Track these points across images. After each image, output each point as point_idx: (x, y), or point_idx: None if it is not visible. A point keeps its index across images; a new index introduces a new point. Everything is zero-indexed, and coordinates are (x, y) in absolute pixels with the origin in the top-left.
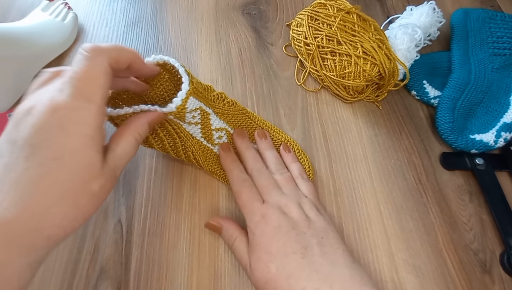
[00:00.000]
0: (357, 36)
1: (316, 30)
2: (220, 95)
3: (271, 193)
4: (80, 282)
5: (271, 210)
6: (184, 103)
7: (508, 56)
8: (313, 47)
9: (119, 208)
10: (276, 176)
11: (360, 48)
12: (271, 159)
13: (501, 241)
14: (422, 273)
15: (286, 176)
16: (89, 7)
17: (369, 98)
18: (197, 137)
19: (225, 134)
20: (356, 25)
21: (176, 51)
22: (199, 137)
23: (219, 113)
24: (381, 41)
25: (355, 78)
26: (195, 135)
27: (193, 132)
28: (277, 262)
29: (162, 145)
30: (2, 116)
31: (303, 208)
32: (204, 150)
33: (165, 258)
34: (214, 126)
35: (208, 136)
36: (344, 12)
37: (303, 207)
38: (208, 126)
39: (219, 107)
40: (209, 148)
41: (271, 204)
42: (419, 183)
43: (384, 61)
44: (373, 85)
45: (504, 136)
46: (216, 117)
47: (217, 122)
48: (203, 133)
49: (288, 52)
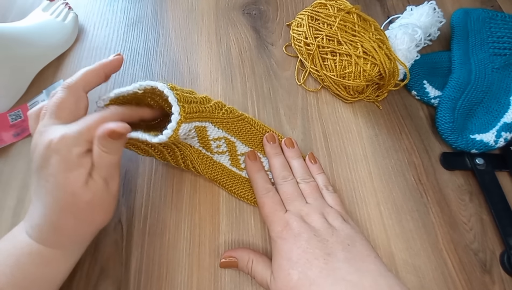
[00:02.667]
0: (358, 36)
1: (316, 30)
2: (217, 105)
3: (294, 203)
4: (80, 282)
5: (292, 219)
6: (176, 132)
7: (508, 56)
8: (314, 47)
9: (119, 208)
10: (302, 185)
11: (361, 48)
12: (297, 168)
13: (501, 241)
14: (422, 273)
15: (311, 185)
16: (90, 7)
17: (369, 98)
18: (195, 146)
19: (224, 142)
20: (356, 25)
21: (176, 51)
22: (197, 146)
23: (217, 123)
24: (382, 41)
25: (355, 78)
26: (193, 145)
27: (191, 142)
28: (298, 269)
29: (162, 155)
30: (2, 116)
31: (327, 218)
32: (203, 159)
33: (165, 258)
34: (212, 136)
35: (207, 146)
36: (344, 12)
37: (327, 216)
38: (205, 137)
39: (217, 117)
40: (208, 156)
41: (293, 213)
42: (419, 183)
43: (385, 61)
44: (373, 85)
45: (504, 136)
46: (214, 128)
47: (214, 132)
48: (201, 143)
49: (288, 52)
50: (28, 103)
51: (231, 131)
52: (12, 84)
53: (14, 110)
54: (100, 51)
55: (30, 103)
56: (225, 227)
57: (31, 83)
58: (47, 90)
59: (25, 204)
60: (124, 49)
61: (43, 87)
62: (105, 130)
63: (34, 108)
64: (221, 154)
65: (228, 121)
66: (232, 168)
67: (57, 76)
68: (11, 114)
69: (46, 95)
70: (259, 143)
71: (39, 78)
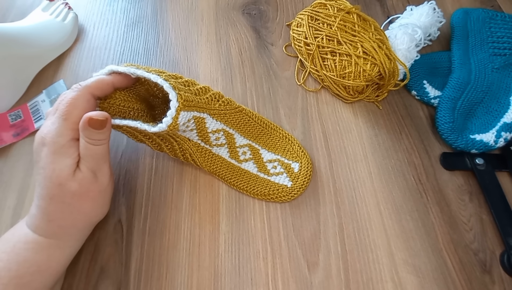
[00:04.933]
0: (357, 36)
1: (316, 30)
2: (214, 96)
3: None
4: (80, 282)
5: None
6: (175, 120)
7: (508, 56)
8: (313, 47)
9: (119, 208)
10: None
11: (360, 48)
12: None
13: (501, 241)
14: (422, 273)
15: None
16: (90, 7)
17: (369, 98)
18: (194, 139)
19: (222, 135)
20: (356, 25)
21: (176, 51)
22: (196, 140)
23: (215, 115)
24: (381, 41)
25: (355, 78)
26: (191, 138)
27: (189, 136)
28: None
29: (159, 148)
30: (2, 116)
31: None
32: (202, 151)
33: (165, 258)
34: (211, 128)
35: (206, 138)
36: (344, 12)
37: None
38: (204, 130)
39: (214, 108)
40: (207, 149)
41: None
42: (419, 183)
43: (384, 61)
44: (373, 85)
45: (504, 136)
46: (212, 120)
47: (213, 124)
48: (199, 136)
49: (288, 52)
50: (28, 103)
51: (229, 123)
52: (12, 84)
53: (14, 110)
54: (100, 51)
55: (30, 103)
56: (225, 227)
57: (31, 83)
58: (47, 90)
59: (25, 204)
60: (124, 49)
61: (43, 87)
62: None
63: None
64: (220, 146)
65: (226, 113)
66: (231, 160)
67: (57, 76)
68: (11, 114)
69: (46, 95)
70: (257, 135)
71: (39, 78)
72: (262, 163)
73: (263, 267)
